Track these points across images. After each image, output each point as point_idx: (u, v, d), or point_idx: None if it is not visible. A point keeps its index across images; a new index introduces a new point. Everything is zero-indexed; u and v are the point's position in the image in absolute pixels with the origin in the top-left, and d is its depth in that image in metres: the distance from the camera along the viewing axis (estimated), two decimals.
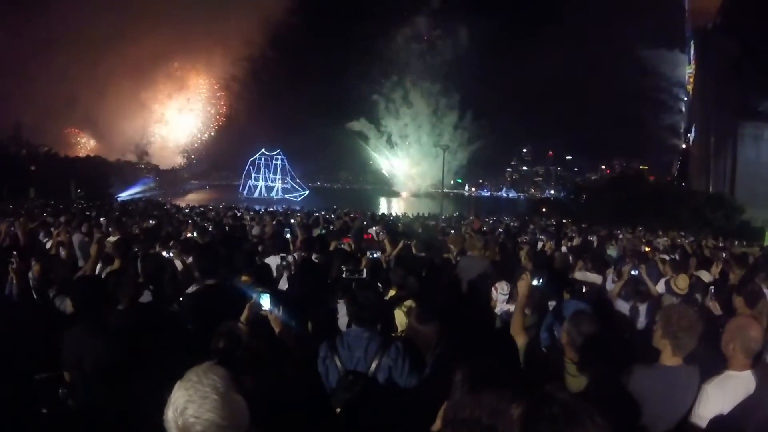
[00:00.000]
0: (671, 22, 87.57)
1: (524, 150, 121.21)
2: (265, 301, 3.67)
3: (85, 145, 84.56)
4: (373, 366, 3.45)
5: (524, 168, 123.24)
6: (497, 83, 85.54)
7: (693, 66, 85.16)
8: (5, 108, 72.12)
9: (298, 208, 39.86)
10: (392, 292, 5.35)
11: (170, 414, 1.67)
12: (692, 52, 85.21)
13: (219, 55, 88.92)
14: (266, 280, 5.24)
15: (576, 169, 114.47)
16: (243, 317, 3.62)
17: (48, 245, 8.51)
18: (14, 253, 5.69)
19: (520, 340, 3.90)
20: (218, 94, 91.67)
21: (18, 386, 3.81)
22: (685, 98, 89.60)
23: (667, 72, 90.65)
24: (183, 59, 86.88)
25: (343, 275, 4.28)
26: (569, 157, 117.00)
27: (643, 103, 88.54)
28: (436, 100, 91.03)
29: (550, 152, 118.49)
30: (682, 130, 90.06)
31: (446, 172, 66.78)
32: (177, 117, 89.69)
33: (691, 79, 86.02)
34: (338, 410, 3.35)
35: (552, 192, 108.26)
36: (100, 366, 3.47)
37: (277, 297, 3.83)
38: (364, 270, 4.30)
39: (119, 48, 77.60)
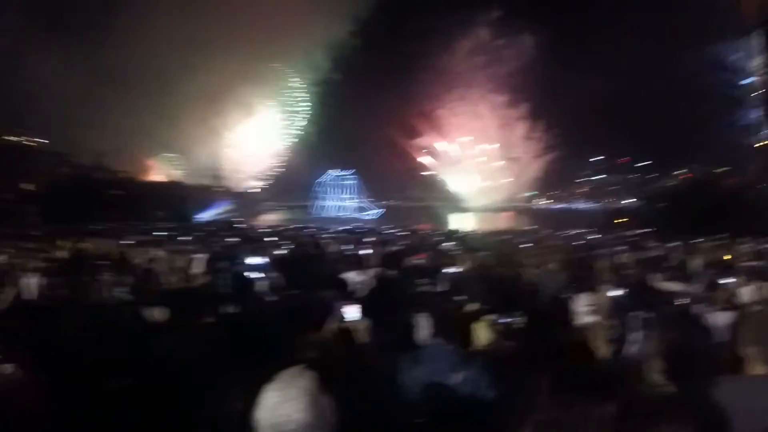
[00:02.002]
0: (734, 14, 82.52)
1: (596, 159, 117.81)
2: (353, 313, 3.80)
3: (163, 170, 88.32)
4: (456, 380, 3.45)
5: (597, 177, 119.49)
6: (565, 90, 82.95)
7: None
8: (88, 137, 76.72)
9: (369, 226, 40.08)
10: (472, 306, 5.38)
11: (261, 414, 1.80)
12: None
13: (285, 81, 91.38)
14: (347, 294, 5.37)
15: (650, 176, 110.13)
16: (329, 327, 3.75)
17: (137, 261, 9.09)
18: (106, 266, 6.14)
19: (603, 352, 3.87)
20: (286, 118, 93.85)
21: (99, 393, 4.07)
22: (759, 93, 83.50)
23: (738, 67, 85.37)
24: (252, 86, 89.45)
25: (422, 289, 4.35)
26: (642, 164, 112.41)
27: (716, 102, 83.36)
28: (504, 111, 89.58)
29: (623, 159, 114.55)
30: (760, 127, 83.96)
31: (518, 185, 66.06)
32: (248, 141, 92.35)
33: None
34: (420, 423, 3.35)
35: (627, 201, 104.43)
36: (188, 375, 3.64)
37: (360, 309, 3.94)
38: (445, 284, 4.35)
39: (190, 79, 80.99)
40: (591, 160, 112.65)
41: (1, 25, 71.07)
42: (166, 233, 20.55)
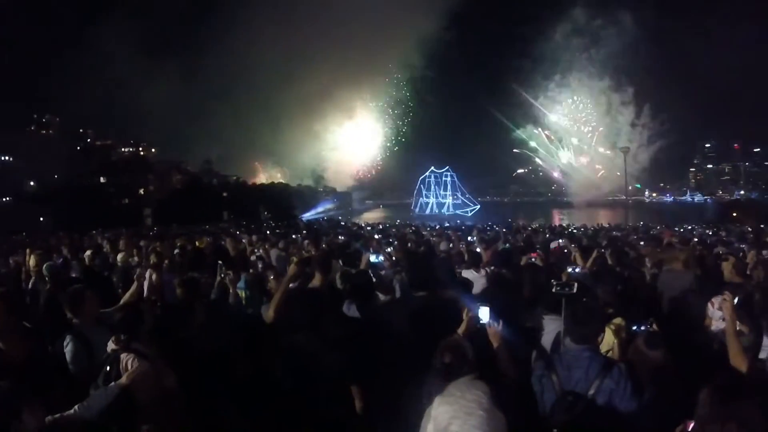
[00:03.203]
0: None
1: (707, 146, 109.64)
2: (484, 314, 3.64)
3: (268, 173, 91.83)
4: (594, 388, 3.22)
5: (709, 166, 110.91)
6: (670, 71, 77.10)
7: None
8: (198, 145, 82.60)
9: (470, 223, 39.58)
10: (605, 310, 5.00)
11: (431, 428, 1.67)
12: None
13: (381, 82, 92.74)
14: (469, 294, 5.22)
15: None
16: (461, 330, 3.61)
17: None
18: (221, 264, 6.29)
19: (741, 365, 3.52)
20: (385, 117, 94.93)
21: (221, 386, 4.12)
22: None
23: None
24: (349, 90, 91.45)
25: (553, 290, 4.10)
26: (758, 150, 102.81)
27: None
28: (607, 97, 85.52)
29: (736, 145, 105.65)
30: None
31: (624, 176, 62.86)
32: (348, 143, 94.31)
33: None
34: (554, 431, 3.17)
35: (742, 192, 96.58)
36: (319, 374, 3.62)
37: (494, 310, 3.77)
38: (575, 285, 4.08)
39: (290, 87, 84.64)
40: (701, 146, 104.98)
41: (119, 50, 78.81)
42: (277, 232, 21.04)
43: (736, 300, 3.83)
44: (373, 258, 7.48)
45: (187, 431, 3.76)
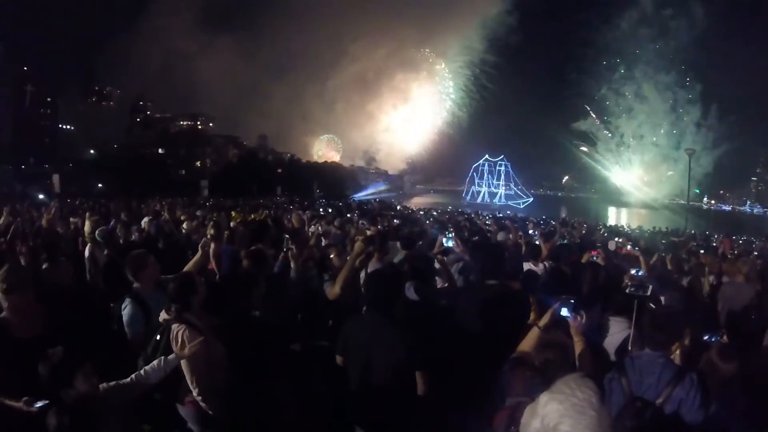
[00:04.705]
0: None
1: None
2: (567, 308, 3.56)
3: (322, 151, 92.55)
4: (664, 395, 3.13)
5: None
6: (744, 69, 72.06)
7: None
8: (253, 121, 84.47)
9: (521, 215, 39.06)
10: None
11: (537, 425, 1.62)
12: None
13: (440, 64, 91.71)
14: (536, 286, 5.14)
15: None
16: (542, 322, 3.54)
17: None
18: (288, 238, 6.34)
19: None
20: (441, 101, 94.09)
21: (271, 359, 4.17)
22: None
23: None
24: (405, 72, 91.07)
25: (627, 291, 3.98)
26: None
27: None
28: (673, 93, 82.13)
29: None
30: None
31: (684, 180, 60.81)
32: (402, 126, 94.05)
33: None
34: None
35: None
36: (383, 355, 3.60)
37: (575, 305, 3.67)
38: (650, 288, 3.95)
39: (345, 66, 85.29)
40: (765, 155, 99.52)
41: (178, 24, 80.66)
42: (330, 210, 21.14)
43: None
44: (445, 242, 7.52)
45: (232, 404, 3.79)
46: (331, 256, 6.35)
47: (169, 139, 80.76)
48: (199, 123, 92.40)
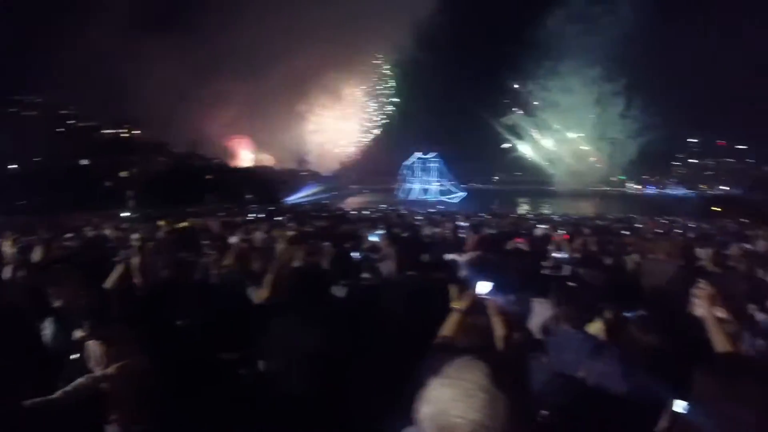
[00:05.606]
0: None
1: (692, 141, 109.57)
2: (485, 289, 3.58)
3: (251, 155, 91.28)
4: (585, 370, 3.22)
5: (693, 161, 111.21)
6: (667, 63, 75.99)
7: None
8: (181, 126, 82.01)
9: (454, 209, 39.70)
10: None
11: (428, 411, 1.60)
12: None
13: (370, 63, 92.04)
14: (456, 275, 5.22)
15: (751, 161, 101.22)
16: (462, 305, 3.56)
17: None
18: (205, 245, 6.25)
19: (727, 348, 3.56)
20: (372, 101, 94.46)
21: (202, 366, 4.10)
22: None
23: None
24: (336, 71, 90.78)
25: (543, 272, 4.11)
26: (743, 147, 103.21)
27: None
28: (598, 86, 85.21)
29: (721, 142, 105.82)
30: None
31: (610, 167, 63.15)
32: (334, 126, 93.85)
33: None
34: (543, 417, 3.09)
35: (725, 187, 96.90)
36: (308, 354, 3.59)
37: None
38: (564, 268, 4.09)
39: (274, 68, 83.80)
40: (688, 141, 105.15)
41: (101, 29, 77.58)
42: (260, 215, 20.96)
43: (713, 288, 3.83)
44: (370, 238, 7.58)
45: (160, 418, 3.69)
46: (257, 260, 6.30)
47: (94, 149, 77.69)
48: (124, 130, 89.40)
